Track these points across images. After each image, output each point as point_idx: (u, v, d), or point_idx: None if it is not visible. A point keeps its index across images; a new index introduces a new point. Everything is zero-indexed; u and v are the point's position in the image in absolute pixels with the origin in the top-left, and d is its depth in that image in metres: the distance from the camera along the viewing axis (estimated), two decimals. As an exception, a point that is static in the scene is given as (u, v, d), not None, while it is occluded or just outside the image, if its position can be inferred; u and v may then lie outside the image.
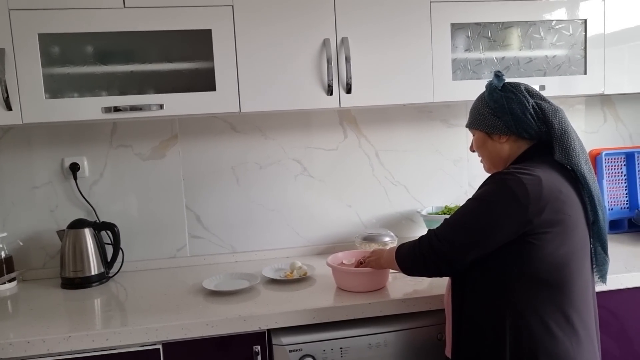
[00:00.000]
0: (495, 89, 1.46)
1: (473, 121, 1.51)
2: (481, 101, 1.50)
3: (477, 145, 1.53)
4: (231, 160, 2.27)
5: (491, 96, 1.46)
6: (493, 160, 1.50)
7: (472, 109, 1.53)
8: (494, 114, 1.45)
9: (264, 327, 1.65)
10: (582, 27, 2.10)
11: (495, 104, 1.44)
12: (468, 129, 1.56)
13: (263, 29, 1.87)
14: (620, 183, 2.49)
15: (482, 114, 1.48)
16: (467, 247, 1.36)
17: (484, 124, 1.47)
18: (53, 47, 1.81)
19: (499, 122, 1.44)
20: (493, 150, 1.49)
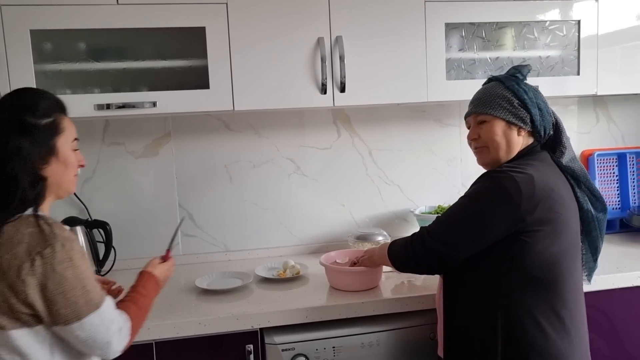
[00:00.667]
0: (522, 82, 1.45)
1: (494, 108, 1.42)
2: (503, 90, 1.43)
3: (494, 134, 1.43)
4: (224, 159, 2.27)
5: (519, 87, 1.42)
6: (504, 153, 1.43)
7: (489, 96, 1.44)
8: (522, 105, 1.41)
9: (256, 326, 1.65)
10: (575, 27, 2.11)
11: (525, 95, 1.41)
12: (478, 114, 1.46)
13: (257, 27, 1.86)
14: (612, 184, 2.51)
15: (509, 103, 1.41)
16: (459, 245, 1.36)
17: (510, 112, 1.41)
18: (45, 44, 1.80)
19: (526, 114, 1.41)
20: (509, 142, 1.43)
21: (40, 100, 1.24)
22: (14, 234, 1.12)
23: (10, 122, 1.18)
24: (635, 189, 2.50)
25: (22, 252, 1.11)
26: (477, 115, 1.47)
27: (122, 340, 1.22)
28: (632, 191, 2.49)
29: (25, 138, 1.17)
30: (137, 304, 1.30)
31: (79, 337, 1.15)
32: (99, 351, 1.20)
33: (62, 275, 1.12)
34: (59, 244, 1.12)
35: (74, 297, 1.13)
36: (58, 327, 1.15)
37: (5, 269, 1.11)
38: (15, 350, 1.14)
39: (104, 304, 1.19)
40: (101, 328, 1.17)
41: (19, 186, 1.15)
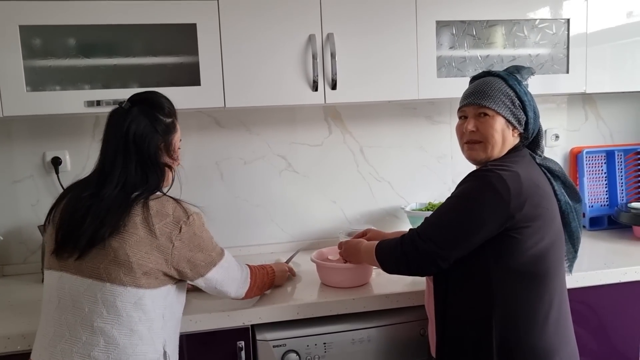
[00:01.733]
0: (521, 82, 1.46)
1: (499, 104, 1.42)
2: (506, 87, 1.43)
3: (493, 130, 1.42)
4: (215, 155, 2.26)
5: (520, 88, 1.44)
6: (499, 149, 1.44)
7: (495, 90, 1.43)
8: (522, 106, 1.43)
9: (247, 323, 1.65)
10: (565, 26, 2.13)
11: (525, 97, 1.43)
12: (484, 106, 1.42)
13: (248, 24, 1.86)
14: (600, 181, 2.53)
15: (512, 102, 1.42)
16: (451, 245, 1.36)
17: (511, 112, 1.42)
18: (35, 39, 1.79)
19: (523, 116, 1.43)
20: (505, 140, 1.43)
21: (166, 102, 1.46)
22: (161, 208, 1.35)
23: (145, 117, 1.39)
24: (623, 186, 2.53)
25: (171, 222, 1.34)
26: (479, 107, 1.44)
27: (246, 281, 1.57)
28: (620, 188, 2.52)
29: (156, 131, 1.40)
30: (257, 267, 1.67)
31: (218, 279, 1.46)
32: (231, 289, 1.52)
33: (201, 236, 1.40)
34: (195, 214, 1.40)
35: (209, 251, 1.43)
36: (201, 278, 1.43)
37: (158, 235, 1.32)
38: (141, 308, 1.32)
39: (226, 251, 1.51)
40: (231, 268, 1.51)
41: (156, 170, 1.40)
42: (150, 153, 1.38)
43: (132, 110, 1.39)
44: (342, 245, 1.75)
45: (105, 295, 1.30)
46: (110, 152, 1.39)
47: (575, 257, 1.56)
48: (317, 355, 1.67)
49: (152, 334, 1.34)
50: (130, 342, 1.30)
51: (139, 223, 1.31)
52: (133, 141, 1.36)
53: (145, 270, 1.31)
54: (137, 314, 1.31)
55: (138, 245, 1.30)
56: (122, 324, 1.29)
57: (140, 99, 1.43)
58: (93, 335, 1.29)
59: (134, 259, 1.29)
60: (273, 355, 1.65)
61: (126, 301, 1.30)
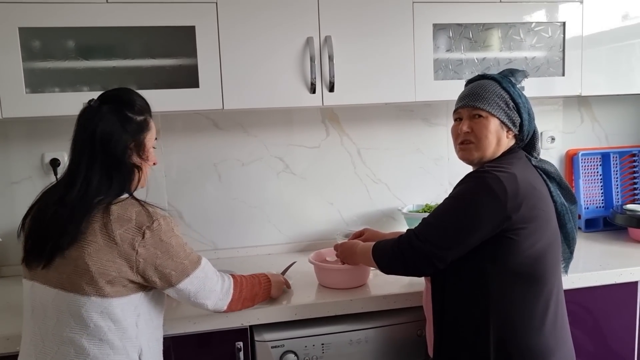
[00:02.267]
0: (515, 85, 1.47)
1: (493, 106, 1.43)
2: (501, 90, 1.45)
3: (487, 131, 1.43)
4: (213, 157, 2.27)
5: (515, 90, 1.46)
6: (492, 151, 1.45)
7: (489, 92, 1.45)
8: (516, 108, 1.44)
9: (246, 324, 1.66)
10: (560, 29, 2.14)
11: (519, 100, 1.45)
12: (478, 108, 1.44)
13: (247, 26, 1.87)
14: (596, 183, 2.55)
15: (506, 104, 1.44)
16: (448, 246, 1.37)
17: (505, 113, 1.44)
18: (34, 41, 1.79)
19: (517, 118, 1.45)
20: (498, 142, 1.45)
21: (137, 99, 1.40)
22: (123, 213, 1.28)
23: (113, 115, 1.34)
24: (618, 188, 2.55)
25: (133, 227, 1.27)
26: (473, 108, 1.45)
27: (227, 293, 1.48)
28: (615, 190, 2.54)
29: (125, 130, 1.34)
30: (245, 277, 1.58)
31: (191, 291, 1.38)
32: (208, 302, 1.43)
33: (169, 243, 1.32)
34: (162, 218, 1.32)
35: (180, 259, 1.34)
36: (172, 288, 1.35)
37: (119, 242, 1.26)
38: (110, 317, 1.28)
39: (202, 260, 1.42)
40: (206, 279, 1.41)
41: (122, 172, 1.33)
42: (117, 153, 1.32)
43: (100, 108, 1.34)
44: (339, 247, 1.76)
45: (70, 306, 1.26)
46: (76, 154, 1.33)
47: (570, 257, 1.58)
48: (315, 356, 1.68)
49: (125, 343, 1.30)
50: (100, 352, 1.27)
51: (98, 230, 1.26)
52: (100, 141, 1.30)
53: (109, 279, 1.26)
54: (105, 324, 1.27)
55: (97, 253, 1.25)
56: (90, 334, 1.26)
57: (110, 97, 1.38)
58: (63, 345, 1.27)
59: (94, 268, 1.24)
60: (271, 356, 1.66)
61: (92, 311, 1.26)
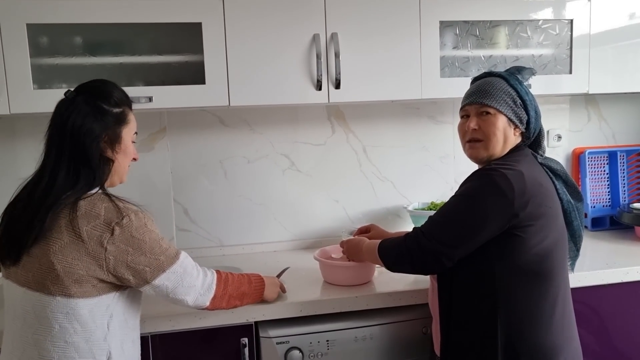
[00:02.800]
0: (522, 82, 1.47)
1: (502, 103, 1.43)
2: (508, 87, 1.44)
3: (495, 128, 1.43)
4: (219, 154, 2.27)
5: (522, 88, 1.45)
6: (500, 148, 1.45)
7: (497, 90, 1.44)
8: (524, 106, 1.44)
9: (251, 320, 1.66)
10: (568, 27, 2.13)
11: (527, 97, 1.44)
12: (487, 105, 1.43)
13: (253, 23, 1.87)
14: (602, 181, 2.54)
15: (514, 101, 1.43)
16: (455, 244, 1.36)
17: (513, 111, 1.43)
18: (42, 38, 1.80)
19: (525, 115, 1.44)
20: (506, 139, 1.44)
21: (114, 91, 1.35)
22: (90, 208, 1.23)
23: (87, 107, 1.29)
24: (625, 187, 2.53)
25: (101, 223, 1.22)
26: (480, 105, 1.44)
27: (209, 289, 1.39)
28: (622, 189, 2.52)
29: (98, 122, 1.29)
30: (231, 274, 1.49)
31: (168, 286, 1.30)
32: (188, 297, 1.35)
33: (141, 239, 1.25)
34: (133, 214, 1.25)
35: (155, 255, 1.27)
36: (148, 285, 1.29)
37: (86, 239, 1.21)
38: (76, 319, 1.23)
39: (181, 255, 1.34)
40: (185, 274, 1.33)
41: (90, 165, 1.27)
42: (86, 146, 1.26)
43: (76, 99, 1.30)
44: (345, 244, 1.76)
45: (36, 306, 1.23)
46: (47, 148, 1.30)
47: (577, 255, 1.57)
48: (320, 353, 1.68)
49: (92, 345, 1.25)
50: (65, 356, 1.23)
51: (64, 227, 1.21)
52: (70, 134, 1.26)
53: (75, 278, 1.21)
54: (71, 325, 1.22)
55: (62, 251, 1.20)
56: (55, 336, 1.22)
57: (86, 88, 1.33)
58: (28, 347, 1.24)
59: (59, 267, 1.20)
60: (276, 352, 1.66)
61: (57, 311, 1.21)
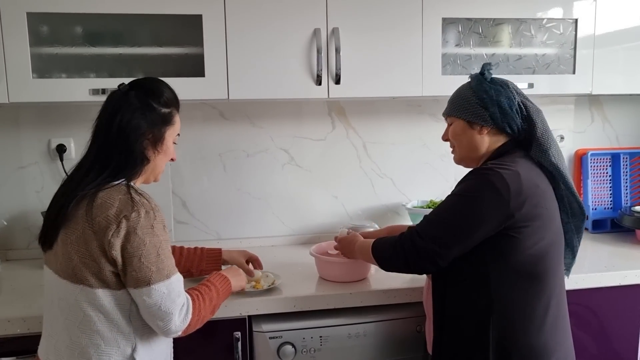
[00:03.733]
0: (484, 80, 1.46)
1: (455, 109, 1.48)
2: (467, 90, 1.47)
3: (455, 134, 1.49)
4: (218, 147, 2.27)
5: (480, 86, 1.45)
6: (468, 151, 1.49)
7: (454, 97, 1.51)
8: (481, 104, 1.43)
9: (244, 314, 1.66)
10: (572, 26, 2.11)
11: (485, 95, 1.43)
12: (446, 116, 1.53)
13: (254, 16, 1.86)
14: (605, 183, 2.52)
15: (468, 102, 1.45)
16: (450, 244, 1.36)
17: (469, 112, 1.45)
18: (42, 27, 1.80)
19: (485, 112, 1.43)
20: (471, 141, 1.47)
21: (165, 91, 1.36)
22: (107, 198, 1.22)
23: (138, 102, 1.30)
24: (627, 190, 2.52)
25: (112, 215, 1.20)
26: (446, 117, 1.54)
27: (185, 319, 1.28)
28: (624, 192, 2.50)
29: (146, 120, 1.30)
30: (202, 294, 1.37)
31: (146, 302, 1.23)
32: (160, 322, 1.25)
33: (142, 239, 1.21)
34: (144, 210, 1.23)
35: (148, 263, 1.22)
36: (131, 289, 1.24)
37: (96, 230, 1.20)
38: (99, 309, 1.24)
39: (173, 276, 1.27)
40: (167, 298, 1.24)
41: (128, 160, 1.28)
42: (130, 142, 1.28)
43: (128, 94, 1.32)
44: (339, 240, 1.76)
45: (65, 293, 1.25)
46: (94, 136, 1.32)
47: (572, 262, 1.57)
48: (312, 348, 1.68)
49: (117, 335, 1.26)
50: (91, 342, 1.25)
51: (80, 217, 1.23)
52: (118, 126, 1.28)
53: (91, 270, 1.22)
54: (95, 314, 1.24)
55: (78, 242, 1.22)
56: (82, 323, 1.24)
57: (139, 84, 1.35)
58: (63, 331, 1.27)
59: (76, 257, 1.22)
60: (269, 347, 1.66)
61: (81, 300, 1.23)
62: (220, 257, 1.75)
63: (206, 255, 1.75)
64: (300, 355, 1.67)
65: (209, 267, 1.74)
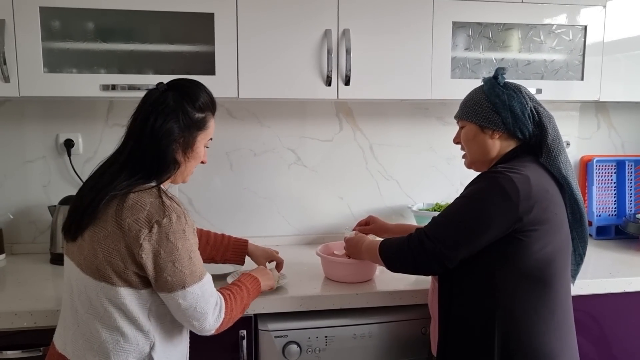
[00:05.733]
0: (497, 85, 1.46)
1: (467, 112, 1.48)
2: (480, 94, 1.47)
3: (467, 138, 1.50)
4: (226, 146, 2.27)
5: (493, 91, 1.45)
6: (480, 155, 1.49)
7: (466, 101, 1.51)
8: (493, 108, 1.43)
9: (250, 312, 1.66)
10: (582, 33, 2.12)
11: (497, 99, 1.43)
12: (458, 119, 1.54)
13: (265, 15, 1.87)
14: (609, 190, 2.52)
15: (480, 107, 1.45)
16: (458, 246, 1.36)
17: (481, 116, 1.45)
18: (54, 21, 1.80)
19: (497, 117, 1.43)
20: (483, 145, 1.47)
21: (202, 95, 1.35)
22: (138, 200, 1.22)
23: (174, 104, 1.30)
24: (632, 197, 2.52)
25: (143, 218, 1.20)
26: (458, 120, 1.54)
27: (218, 317, 1.30)
28: (629, 199, 2.51)
29: (178, 124, 1.30)
30: (234, 294, 1.39)
31: (181, 305, 1.24)
32: (196, 322, 1.27)
33: (175, 244, 1.22)
34: (175, 215, 1.23)
35: (181, 267, 1.23)
36: (163, 293, 1.24)
37: (126, 231, 1.20)
38: (120, 307, 1.24)
39: (205, 277, 1.28)
40: (202, 299, 1.26)
41: (159, 164, 1.28)
42: (162, 146, 1.28)
43: (165, 94, 1.31)
44: (346, 240, 1.77)
45: (87, 287, 1.26)
46: (127, 134, 1.33)
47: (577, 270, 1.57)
48: (318, 348, 1.68)
49: (136, 333, 1.27)
50: (111, 338, 1.25)
51: (110, 216, 1.23)
52: (151, 128, 1.27)
53: (116, 269, 1.23)
54: (115, 311, 1.24)
55: (106, 240, 1.23)
56: (103, 318, 1.25)
57: (177, 85, 1.35)
58: (82, 323, 1.27)
59: (102, 255, 1.22)
60: (274, 346, 1.66)
61: (103, 296, 1.24)
62: (246, 250, 1.78)
63: (232, 245, 1.76)
64: (305, 354, 1.67)
65: (233, 258, 1.77)
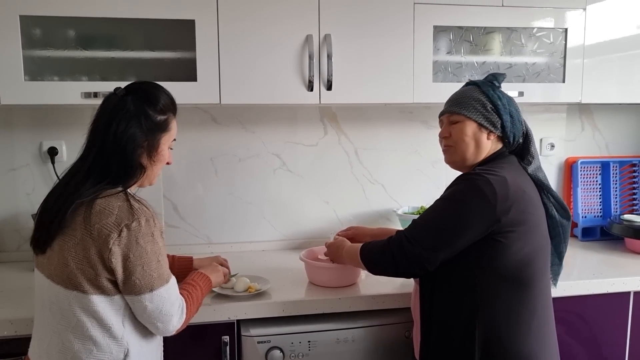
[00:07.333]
0: (497, 88, 1.48)
1: (468, 109, 1.46)
2: (479, 93, 1.46)
3: (463, 134, 1.46)
4: (210, 152, 2.28)
5: (494, 93, 1.46)
6: (472, 154, 1.47)
7: (465, 97, 1.48)
8: (495, 110, 1.44)
9: (233, 318, 1.66)
10: (562, 36, 2.13)
11: (499, 101, 1.45)
12: (452, 114, 1.49)
13: (246, 21, 1.87)
14: (594, 192, 2.54)
15: (483, 106, 1.44)
16: (437, 247, 1.37)
17: (483, 116, 1.44)
18: (34, 29, 1.80)
19: (497, 119, 1.44)
20: (477, 144, 1.46)
21: (162, 97, 1.35)
22: (106, 205, 1.22)
23: (134, 109, 1.30)
24: (617, 198, 2.53)
25: (112, 222, 1.21)
26: (450, 114, 1.50)
27: (180, 318, 1.32)
28: (613, 200, 2.52)
29: (141, 128, 1.29)
30: (191, 294, 1.40)
31: (148, 307, 1.25)
32: (161, 324, 1.28)
33: (144, 248, 1.22)
34: (144, 219, 1.23)
35: (150, 270, 1.24)
36: (130, 296, 1.25)
37: (95, 237, 1.20)
38: (92, 315, 1.24)
39: (171, 280, 1.30)
40: (167, 301, 1.27)
41: (125, 169, 1.28)
42: (127, 152, 1.28)
43: (125, 99, 1.30)
44: (327, 245, 1.77)
45: (58, 298, 1.25)
46: (89, 141, 1.31)
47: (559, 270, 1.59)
48: (301, 353, 1.68)
49: (109, 341, 1.26)
50: (84, 348, 1.24)
51: (79, 223, 1.22)
52: (114, 135, 1.27)
53: (87, 276, 1.22)
54: (88, 320, 1.24)
55: (76, 248, 1.22)
56: (75, 328, 1.24)
57: (136, 89, 1.34)
58: (55, 335, 1.27)
59: (72, 263, 1.22)
60: (257, 351, 1.66)
61: (75, 305, 1.23)
62: (191, 266, 1.71)
63: (177, 263, 1.71)
64: (288, 359, 1.67)
65: (179, 275, 1.67)
